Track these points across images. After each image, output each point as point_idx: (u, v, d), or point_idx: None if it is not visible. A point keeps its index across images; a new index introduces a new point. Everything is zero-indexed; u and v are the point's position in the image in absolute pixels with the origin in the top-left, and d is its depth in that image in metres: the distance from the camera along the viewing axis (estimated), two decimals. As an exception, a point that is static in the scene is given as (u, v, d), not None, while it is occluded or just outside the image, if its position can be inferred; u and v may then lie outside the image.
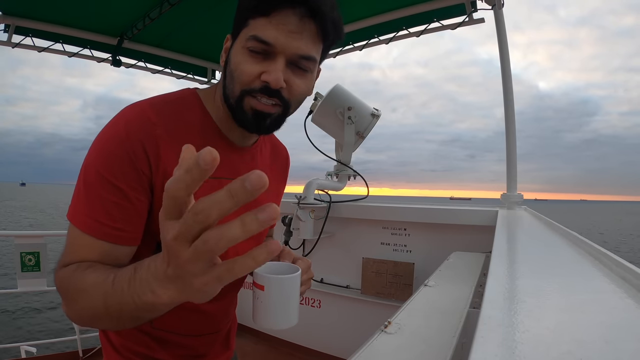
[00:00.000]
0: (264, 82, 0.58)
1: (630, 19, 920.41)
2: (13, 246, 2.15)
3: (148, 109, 0.59)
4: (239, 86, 0.59)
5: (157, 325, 0.69)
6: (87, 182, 0.56)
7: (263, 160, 0.77)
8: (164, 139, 0.58)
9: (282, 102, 0.60)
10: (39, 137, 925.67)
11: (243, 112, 0.60)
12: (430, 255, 1.98)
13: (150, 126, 0.58)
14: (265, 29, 0.56)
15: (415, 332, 0.68)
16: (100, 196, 0.55)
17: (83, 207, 0.55)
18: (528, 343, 0.31)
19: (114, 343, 0.71)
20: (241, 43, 0.59)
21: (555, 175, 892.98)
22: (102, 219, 0.55)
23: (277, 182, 0.85)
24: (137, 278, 0.45)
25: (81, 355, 2.23)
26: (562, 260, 0.74)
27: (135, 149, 0.56)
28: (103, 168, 0.55)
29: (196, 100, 0.67)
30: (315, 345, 2.27)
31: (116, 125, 0.58)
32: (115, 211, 0.55)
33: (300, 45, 0.57)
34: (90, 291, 0.51)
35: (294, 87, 0.60)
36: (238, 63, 0.59)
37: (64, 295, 0.54)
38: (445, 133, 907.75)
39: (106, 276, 0.50)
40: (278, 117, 0.62)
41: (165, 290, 0.41)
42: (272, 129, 0.64)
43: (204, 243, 0.34)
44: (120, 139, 0.56)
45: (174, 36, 2.59)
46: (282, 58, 0.57)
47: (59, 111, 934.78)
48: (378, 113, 2.18)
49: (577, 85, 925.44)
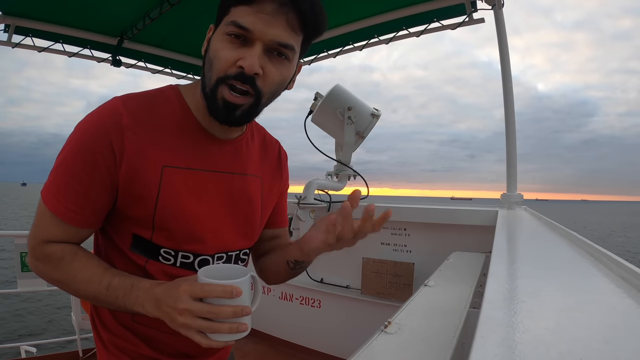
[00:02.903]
0: (239, 68, 0.58)
1: (627, 22, 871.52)
2: (13, 246, 2.15)
3: (119, 101, 0.63)
4: (216, 73, 0.60)
5: (138, 319, 0.70)
6: (55, 164, 0.62)
7: (249, 155, 0.76)
8: (130, 129, 0.61)
9: (254, 90, 0.60)
10: (42, 137, 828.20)
11: (215, 101, 0.61)
12: (430, 255, 1.98)
13: (117, 116, 0.61)
14: (245, 15, 0.58)
15: (415, 332, 0.68)
16: (61, 177, 0.61)
17: (50, 184, 0.62)
18: (528, 343, 0.31)
19: (103, 339, 0.72)
20: (221, 29, 0.60)
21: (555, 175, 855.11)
22: (59, 198, 0.61)
23: (271, 177, 0.82)
24: (133, 295, 0.59)
25: (81, 355, 2.23)
26: (562, 260, 0.74)
27: (99, 138, 0.59)
28: (67, 152, 0.60)
29: (175, 94, 0.68)
30: (315, 345, 2.27)
31: (89, 115, 0.62)
32: (70, 193, 0.60)
33: (277, 32, 0.58)
34: (79, 284, 0.62)
35: (269, 75, 0.61)
36: (217, 49, 0.60)
37: (47, 272, 0.64)
38: (445, 133, 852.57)
39: (99, 279, 0.61)
40: (250, 107, 0.62)
41: (155, 312, 0.58)
42: (243, 120, 0.64)
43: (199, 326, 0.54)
44: (85, 128, 0.61)
45: (174, 36, 2.59)
46: (260, 44, 0.58)
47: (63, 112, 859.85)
48: (378, 113, 2.18)
49: (575, 87, 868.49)
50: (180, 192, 0.64)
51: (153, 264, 0.66)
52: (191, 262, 0.68)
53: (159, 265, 0.66)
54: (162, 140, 0.63)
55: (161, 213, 0.63)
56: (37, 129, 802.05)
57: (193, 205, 0.66)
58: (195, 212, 0.66)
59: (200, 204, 0.67)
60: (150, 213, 0.63)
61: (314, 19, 0.61)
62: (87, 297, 0.64)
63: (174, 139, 0.65)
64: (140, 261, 0.66)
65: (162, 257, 0.66)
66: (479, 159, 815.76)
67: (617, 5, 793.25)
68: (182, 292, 0.54)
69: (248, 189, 0.75)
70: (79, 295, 0.66)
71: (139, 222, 0.64)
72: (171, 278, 0.65)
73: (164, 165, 0.63)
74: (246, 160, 0.75)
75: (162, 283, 0.60)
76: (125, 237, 0.66)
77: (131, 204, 0.63)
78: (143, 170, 0.61)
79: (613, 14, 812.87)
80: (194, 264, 0.68)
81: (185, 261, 0.68)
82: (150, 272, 0.66)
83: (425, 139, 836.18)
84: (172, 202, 0.63)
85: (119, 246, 0.67)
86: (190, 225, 0.66)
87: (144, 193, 0.62)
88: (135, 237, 0.65)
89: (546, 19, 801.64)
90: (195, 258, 0.68)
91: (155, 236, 0.65)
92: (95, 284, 0.61)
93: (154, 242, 0.65)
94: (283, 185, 0.86)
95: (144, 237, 0.65)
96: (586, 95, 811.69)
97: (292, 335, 2.36)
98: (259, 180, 0.78)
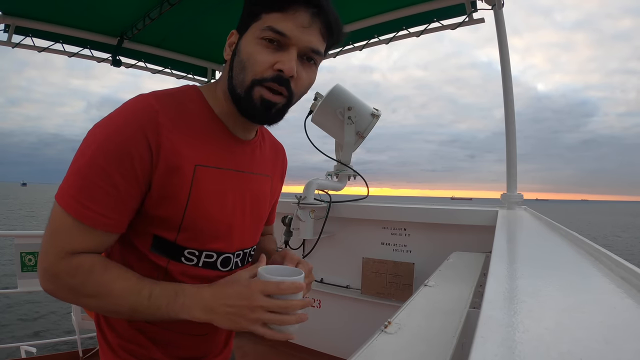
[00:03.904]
0: (276, 71, 0.61)
1: (627, 22, 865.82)
2: (13, 246, 2.15)
3: (151, 98, 0.62)
4: (251, 75, 0.62)
5: (152, 321, 0.69)
6: (76, 166, 0.57)
7: (263, 155, 0.79)
8: (166, 126, 0.60)
9: (288, 92, 0.63)
10: (42, 137, 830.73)
11: (252, 101, 0.63)
12: (430, 255, 1.98)
13: (152, 113, 0.59)
14: (281, 21, 0.60)
15: (415, 332, 0.68)
16: (89, 180, 0.56)
17: (71, 189, 0.57)
18: (528, 343, 0.31)
19: (111, 343, 0.70)
20: (254, 34, 0.62)
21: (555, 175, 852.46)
22: (87, 203, 0.56)
23: (277, 178, 0.87)
24: (179, 303, 0.59)
25: (81, 355, 2.23)
26: (562, 260, 0.74)
27: (135, 136, 0.57)
28: (97, 153, 0.56)
29: (198, 95, 0.69)
30: (315, 345, 2.27)
31: (117, 113, 0.60)
32: (102, 197, 0.57)
33: (311, 39, 0.62)
34: (116, 297, 0.59)
35: (301, 79, 0.64)
36: (251, 53, 0.62)
37: (75, 287, 0.58)
38: (445, 133, 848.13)
39: (139, 288, 0.59)
40: (282, 107, 0.65)
41: (203, 316, 0.59)
42: (277, 118, 0.67)
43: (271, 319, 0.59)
44: (117, 126, 0.58)
45: (174, 36, 2.59)
46: (295, 50, 0.62)
47: (63, 112, 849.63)
48: (378, 113, 2.18)
49: (574, 87, 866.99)
50: (209, 191, 0.65)
51: (175, 264, 0.66)
52: (214, 261, 0.69)
53: (181, 266, 0.67)
54: (193, 139, 0.64)
55: (191, 212, 0.63)
56: (37, 129, 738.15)
57: (220, 204, 0.68)
58: (222, 210, 0.68)
59: (226, 202, 0.69)
60: (180, 212, 0.63)
61: (338, 28, 0.65)
62: (122, 311, 0.60)
63: (204, 138, 0.66)
64: (161, 262, 0.65)
65: (184, 258, 0.66)
66: (479, 159, 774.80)
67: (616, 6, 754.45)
68: (255, 290, 0.59)
69: (262, 188, 0.78)
70: (112, 311, 0.61)
71: (164, 223, 0.63)
72: (192, 278, 0.67)
73: (197, 164, 0.64)
74: (261, 160, 0.78)
75: (208, 286, 0.62)
76: (145, 239, 0.65)
77: (161, 203, 0.62)
78: (178, 169, 0.61)
79: (613, 14, 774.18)
80: (216, 263, 0.70)
81: (209, 260, 0.69)
82: (171, 273, 0.66)
83: (425, 139, 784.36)
84: (202, 201, 0.64)
85: (137, 247, 0.65)
86: (217, 223, 0.68)
87: (176, 192, 0.62)
88: (156, 238, 0.64)
89: (546, 19, 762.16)
90: (218, 257, 0.70)
91: (180, 237, 0.65)
92: (134, 295, 0.58)
93: (178, 243, 0.65)
94: (280, 186, 0.91)
95: (168, 238, 0.64)
96: (586, 96, 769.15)
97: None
98: (269, 180, 0.82)
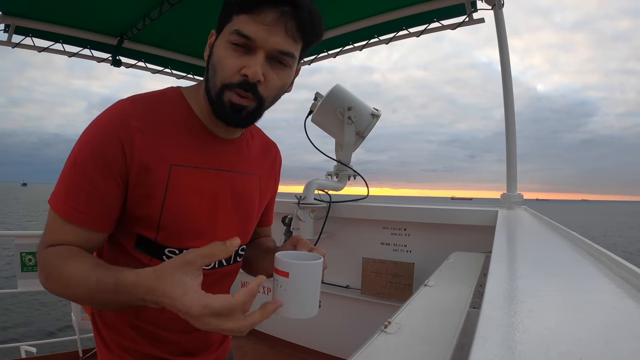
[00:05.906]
0: (243, 76, 0.61)
1: (626, 23, 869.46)
2: (13, 246, 2.15)
3: (127, 103, 0.64)
4: (220, 80, 0.62)
5: (144, 318, 0.70)
6: (65, 168, 0.61)
7: (249, 154, 0.79)
8: (139, 129, 0.62)
9: (255, 97, 0.63)
10: (42, 137, 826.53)
11: (222, 105, 0.63)
12: (430, 255, 1.98)
13: (125, 117, 0.62)
14: (247, 24, 0.59)
15: (415, 332, 0.68)
16: (71, 180, 0.60)
17: (57, 189, 0.61)
18: (528, 343, 0.31)
19: (105, 339, 0.72)
20: (224, 37, 0.62)
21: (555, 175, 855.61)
22: (67, 199, 0.60)
23: (267, 176, 0.85)
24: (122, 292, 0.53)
25: (81, 355, 2.23)
26: (562, 260, 0.74)
27: (109, 139, 0.60)
28: (77, 155, 0.61)
29: (178, 96, 0.70)
30: (315, 345, 2.27)
31: (97, 119, 0.63)
32: (81, 195, 0.60)
33: (279, 40, 0.60)
34: (72, 284, 0.57)
35: (270, 82, 0.63)
36: (220, 57, 0.62)
37: (46, 274, 0.60)
38: (445, 133, 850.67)
39: (87, 274, 0.56)
40: (254, 110, 0.65)
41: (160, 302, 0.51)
42: (248, 121, 0.67)
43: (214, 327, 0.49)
44: (94, 130, 0.62)
45: (174, 36, 2.59)
46: (262, 52, 0.61)
47: (65, 112, 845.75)
48: (378, 113, 2.18)
49: (574, 87, 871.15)
50: (186, 190, 0.66)
51: (157, 262, 0.66)
52: None
53: None
54: (169, 140, 0.65)
55: (168, 211, 0.64)
56: (38, 129, 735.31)
57: (199, 202, 0.68)
58: (200, 209, 0.68)
59: (205, 201, 0.69)
60: (157, 212, 0.64)
61: (312, 26, 0.63)
62: (81, 299, 0.60)
63: (180, 139, 0.67)
64: (144, 260, 0.67)
65: (166, 257, 0.67)
66: (479, 159, 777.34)
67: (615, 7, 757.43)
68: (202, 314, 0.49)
69: (248, 187, 0.77)
70: (78, 299, 0.61)
71: (144, 222, 0.65)
72: None
73: (172, 164, 0.64)
74: (247, 159, 0.78)
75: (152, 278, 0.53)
76: (129, 238, 0.67)
77: (139, 203, 0.64)
78: (152, 169, 0.63)
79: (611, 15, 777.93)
80: None
81: None
82: None
83: (425, 139, 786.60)
84: (178, 200, 0.65)
85: (123, 245, 0.68)
86: (196, 221, 0.68)
87: (152, 192, 0.63)
88: (139, 237, 0.67)
89: (545, 19, 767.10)
90: None
91: (159, 236, 0.66)
92: (83, 281, 0.56)
93: (158, 242, 0.66)
94: (276, 185, 0.90)
95: (149, 237, 0.66)
96: (585, 96, 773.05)
97: (291, 335, 2.36)
98: (257, 179, 0.81)
